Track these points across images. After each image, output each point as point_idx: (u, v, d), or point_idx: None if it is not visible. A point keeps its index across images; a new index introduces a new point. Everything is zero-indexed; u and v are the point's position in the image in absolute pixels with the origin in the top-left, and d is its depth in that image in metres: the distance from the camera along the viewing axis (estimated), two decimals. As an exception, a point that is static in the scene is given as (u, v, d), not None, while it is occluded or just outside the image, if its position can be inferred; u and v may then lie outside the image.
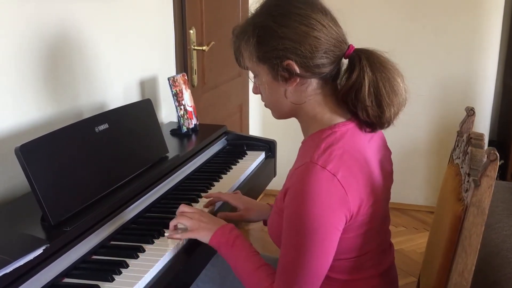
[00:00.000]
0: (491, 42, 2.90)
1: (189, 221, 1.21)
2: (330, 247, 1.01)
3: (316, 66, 1.03)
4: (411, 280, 2.42)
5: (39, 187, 1.09)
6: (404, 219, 3.09)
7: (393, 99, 1.04)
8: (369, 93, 1.03)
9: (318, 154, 1.00)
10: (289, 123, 1.28)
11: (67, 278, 1.06)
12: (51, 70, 1.47)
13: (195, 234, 1.20)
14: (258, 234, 2.90)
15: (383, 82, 1.03)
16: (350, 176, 0.99)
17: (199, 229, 1.20)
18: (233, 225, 1.21)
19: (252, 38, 1.06)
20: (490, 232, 1.65)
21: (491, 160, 0.93)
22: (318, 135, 1.06)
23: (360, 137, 1.08)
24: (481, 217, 0.96)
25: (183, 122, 1.87)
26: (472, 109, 1.28)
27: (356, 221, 1.03)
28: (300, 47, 1.01)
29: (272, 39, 1.03)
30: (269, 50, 1.04)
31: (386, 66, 1.04)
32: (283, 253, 1.04)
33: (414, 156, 3.14)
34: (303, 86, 1.06)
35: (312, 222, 0.97)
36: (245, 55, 1.10)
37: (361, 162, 1.04)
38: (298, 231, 0.99)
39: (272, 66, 1.05)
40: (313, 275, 1.01)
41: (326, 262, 1.02)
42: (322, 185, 0.97)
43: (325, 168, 0.97)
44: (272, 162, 1.95)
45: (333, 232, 1.00)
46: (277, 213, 1.10)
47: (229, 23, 2.60)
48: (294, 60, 1.03)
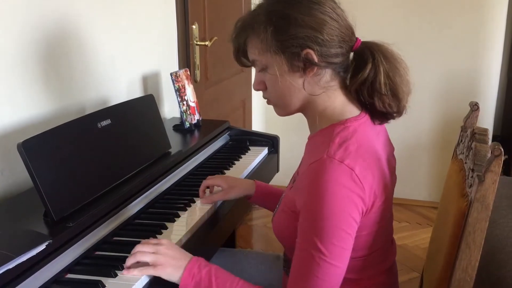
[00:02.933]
0: (495, 37, 2.89)
1: (150, 256, 1.03)
2: (350, 243, 0.98)
3: (333, 55, 1.02)
4: (414, 276, 2.42)
5: (41, 183, 1.09)
6: (408, 215, 3.09)
7: (404, 89, 1.05)
8: (385, 83, 1.03)
9: (334, 149, 0.98)
10: (292, 119, 1.27)
11: (70, 273, 1.06)
12: (53, 66, 1.47)
13: (160, 271, 1.02)
14: (261, 231, 2.89)
15: (394, 72, 1.04)
16: (366, 170, 0.98)
17: (164, 265, 1.02)
18: (203, 258, 1.07)
19: (268, 27, 1.02)
20: (494, 228, 1.64)
21: (496, 156, 0.92)
22: (330, 130, 1.04)
23: (370, 133, 1.07)
24: (485, 213, 0.95)
25: (186, 117, 1.87)
26: (476, 104, 1.27)
27: (369, 218, 1.01)
28: (320, 35, 1.00)
29: (291, 27, 1.00)
30: (288, 38, 1.01)
31: (395, 57, 1.06)
32: (301, 252, 0.99)
33: (418, 152, 3.13)
34: (318, 77, 1.04)
35: (332, 217, 0.94)
36: (254, 47, 1.06)
37: (374, 157, 1.02)
38: (320, 228, 0.95)
39: (290, 56, 1.02)
40: (334, 276, 0.97)
41: (346, 260, 0.99)
42: (341, 179, 0.94)
43: (342, 163, 0.95)
44: (275, 157, 1.95)
45: (353, 226, 0.97)
46: (285, 212, 1.08)
47: (232, 18, 2.57)
48: (313, 49, 1.00)
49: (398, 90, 1.05)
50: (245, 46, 1.09)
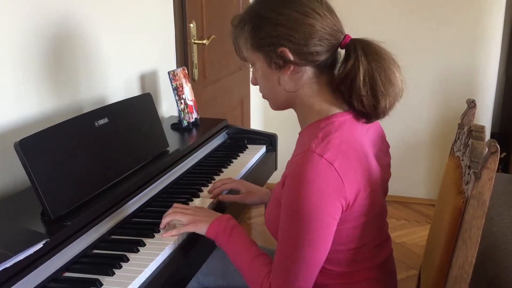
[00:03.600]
0: (493, 35, 2.89)
1: (184, 216, 1.21)
2: (327, 235, 1.01)
3: (310, 53, 1.03)
4: (412, 273, 2.42)
5: (39, 181, 1.09)
6: (406, 212, 3.09)
7: (388, 89, 1.04)
8: (364, 83, 1.02)
9: (316, 143, 1.00)
10: (290, 117, 1.27)
11: (67, 272, 1.06)
12: (51, 65, 1.46)
13: (192, 227, 1.20)
14: (260, 228, 2.90)
15: (378, 72, 1.03)
16: (347, 165, 0.99)
17: (195, 222, 1.19)
18: (230, 215, 1.21)
19: (247, 26, 1.07)
20: (491, 225, 1.65)
21: (492, 152, 0.92)
22: (316, 125, 1.06)
23: (357, 128, 1.08)
24: (481, 210, 0.95)
25: (184, 116, 1.87)
26: (473, 101, 1.27)
27: (353, 211, 1.03)
28: (294, 34, 1.02)
29: (267, 26, 1.04)
30: (263, 37, 1.05)
31: (382, 56, 1.04)
32: (280, 242, 1.04)
33: (416, 149, 3.13)
34: (298, 74, 1.06)
35: (308, 210, 0.97)
36: (241, 44, 1.11)
37: (358, 152, 1.04)
38: (295, 219, 0.99)
39: (266, 54, 1.06)
40: (309, 264, 1.01)
41: (323, 251, 1.02)
42: (319, 173, 0.97)
43: (322, 157, 0.97)
44: (273, 155, 1.95)
45: (329, 221, 1.00)
46: (274, 204, 1.09)
47: (230, 16, 2.57)
48: (288, 47, 1.03)
49: (378, 92, 1.03)
50: (236, 42, 1.14)
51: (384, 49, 1.06)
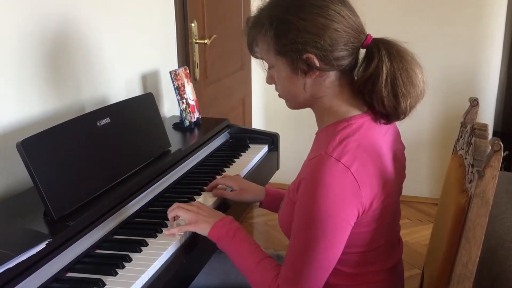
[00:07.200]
0: (495, 33, 2.88)
1: (186, 213, 1.20)
2: (340, 240, 1.00)
3: (336, 59, 1.01)
4: (415, 272, 2.42)
5: (41, 182, 1.09)
6: (409, 211, 3.09)
7: (410, 90, 1.03)
8: (386, 84, 1.01)
9: (332, 146, 0.98)
10: (292, 116, 1.28)
11: (70, 272, 1.06)
12: (53, 65, 1.46)
13: (193, 227, 1.19)
14: (262, 228, 2.90)
15: (400, 72, 1.01)
16: (364, 170, 0.98)
17: (197, 222, 1.18)
18: (232, 217, 1.20)
19: (269, 31, 1.03)
20: (494, 224, 1.64)
21: (495, 151, 0.92)
22: (334, 127, 1.04)
23: (375, 131, 1.06)
24: (485, 208, 0.95)
25: (186, 116, 1.87)
26: (476, 100, 1.27)
27: (368, 216, 1.02)
28: (320, 40, 0.99)
29: (291, 32, 1.00)
30: (288, 43, 1.01)
31: (405, 56, 1.03)
32: (292, 244, 1.03)
33: (418, 148, 3.12)
34: (322, 78, 1.04)
35: (323, 214, 0.96)
36: (262, 47, 1.08)
37: (375, 156, 1.02)
38: (309, 222, 0.98)
39: (291, 59, 1.03)
40: (321, 267, 1.00)
41: (335, 256, 1.01)
42: (335, 177, 0.95)
43: (339, 161, 0.96)
44: (275, 155, 1.95)
45: (344, 226, 0.99)
46: (289, 204, 1.08)
47: (231, 16, 2.59)
48: (314, 54, 1.00)
49: (399, 93, 1.02)
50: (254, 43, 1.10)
51: (407, 50, 1.04)
